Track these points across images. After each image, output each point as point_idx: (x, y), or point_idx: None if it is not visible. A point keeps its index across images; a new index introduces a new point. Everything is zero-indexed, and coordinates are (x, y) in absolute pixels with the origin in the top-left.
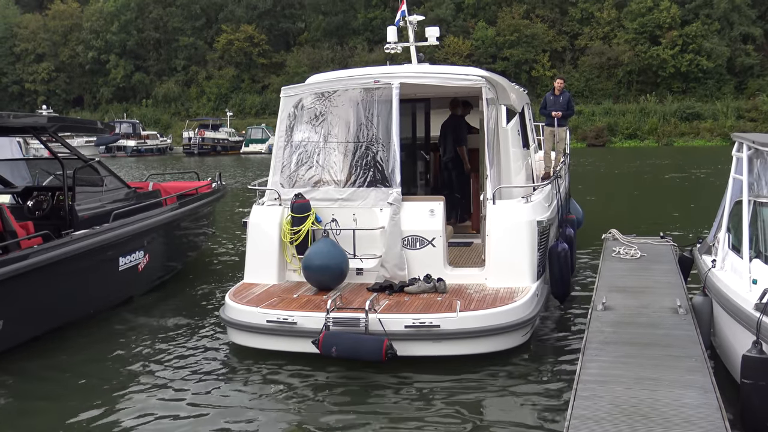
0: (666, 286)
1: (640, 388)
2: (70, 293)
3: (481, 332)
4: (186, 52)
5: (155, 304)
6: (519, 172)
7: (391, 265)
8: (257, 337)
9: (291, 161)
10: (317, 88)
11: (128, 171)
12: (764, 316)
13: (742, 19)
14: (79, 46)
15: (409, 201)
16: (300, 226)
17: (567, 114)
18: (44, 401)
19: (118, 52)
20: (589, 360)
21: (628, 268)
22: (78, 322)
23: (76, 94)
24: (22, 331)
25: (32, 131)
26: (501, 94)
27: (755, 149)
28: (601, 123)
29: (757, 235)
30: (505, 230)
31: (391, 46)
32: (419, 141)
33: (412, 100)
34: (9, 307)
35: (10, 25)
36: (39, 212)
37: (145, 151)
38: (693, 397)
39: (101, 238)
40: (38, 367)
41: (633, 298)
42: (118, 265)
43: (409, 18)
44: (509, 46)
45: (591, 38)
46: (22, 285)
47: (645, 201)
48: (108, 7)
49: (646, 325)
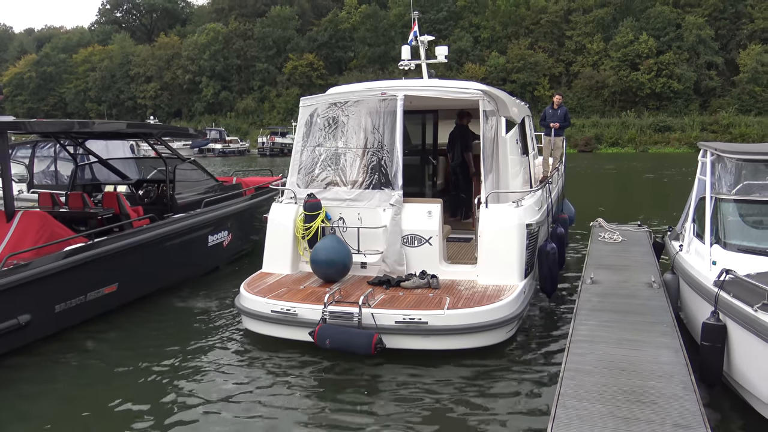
0: (642, 265)
1: (623, 348)
2: (170, 263)
3: (467, 329)
4: (261, 75)
5: (196, 285)
6: (516, 177)
7: (392, 260)
8: (264, 325)
9: (306, 164)
10: (331, 99)
11: (216, 168)
12: (721, 291)
13: (707, 50)
14: (178, 70)
15: (410, 203)
16: (311, 222)
17: (564, 125)
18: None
19: (209, 75)
20: (580, 323)
21: (611, 249)
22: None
23: (176, 108)
24: (131, 292)
25: (143, 136)
26: (501, 106)
27: (717, 155)
28: (590, 133)
29: (717, 225)
30: (496, 232)
31: (405, 63)
32: (428, 147)
33: (422, 111)
34: (123, 273)
35: (127, 53)
36: (147, 200)
37: (229, 153)
38: (666, 355)
39: (194, 220)
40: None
41: (615, 274)
42: (208, 242)
43: (421, 38)
44: (516, 71)
45: (583, 65)
46: (133, 256)
47: (625, 196)
48: (201, 39)
49: (626, 296)
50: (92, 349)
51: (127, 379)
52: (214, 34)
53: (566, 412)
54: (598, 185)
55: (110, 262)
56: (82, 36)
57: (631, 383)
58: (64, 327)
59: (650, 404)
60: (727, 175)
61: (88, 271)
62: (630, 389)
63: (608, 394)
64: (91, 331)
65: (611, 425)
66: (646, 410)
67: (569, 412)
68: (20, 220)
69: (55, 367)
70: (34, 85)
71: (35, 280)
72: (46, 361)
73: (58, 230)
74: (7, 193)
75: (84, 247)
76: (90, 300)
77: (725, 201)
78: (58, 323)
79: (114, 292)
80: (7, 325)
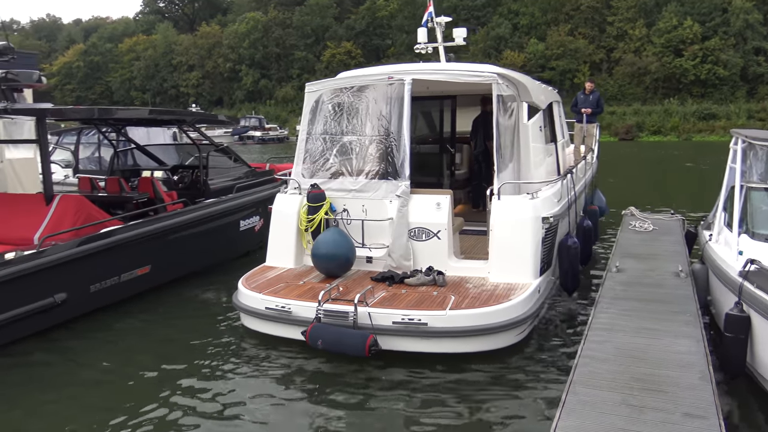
0: (671, 254)
1: (641, 336)
2: (201, 247)
3: (470, 332)
4: (299, 63)
5: (202, 277)
6: (540, 166)
7: (397, 255)
8: (259, 322)
9: (311, 153)
10: (336, 84)
11: (254, 155)
12: (745, 282)
13: (755, 35)
14: (219, 59)
15: (417, 194)
16: (314, 214)
17: (596, 111)
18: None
19: (249, 64)
20: (600, 311)
21: (641, 238)
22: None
23: (217, 96)
24: (164, 274)
25: (176, 123)
26: (522, 91)
27: (748, 143)
28: (631, 121)
29: (746, 215)
30: (509, 226)
31: (421, 46)
32: (446, 135)
33: (440, 97)
34: (155, 256)
35: (170, 43)
36: (182, 185)
37: (268, 140)
38: (685, 345)
39: (225, 205)
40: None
41: (642, 263)
42: (239, 227)
43: (437, 19)
44: (556, 58)
45: (624, 51)
46: (165, 239)
47: (662, 185)
48: (241, 29)
49: (651, 285)
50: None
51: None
52: (253, 23)
53: (576, 399)
54: (635, 174)
55: (143, 245)
56: (127, 26)
57: (646, 372)
58: (98, 306)
59: (663, 393)
60: (758, 163)
61: (122, 253)
62: (644, 378)
63: (621, 381)
64: (114, 315)
65: (621, 412)
66: (659, 399)
67: (580, 398)
68: (59, 203)
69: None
70: (82, 74)
71: (71, 261)
72: None
73: (95, 213)
74: (47, 178)
75: (118, 230)
76: (124, 281)
77: (755, 190)
78: (93, 303)
79: (147, 274)
80: (44, 303)
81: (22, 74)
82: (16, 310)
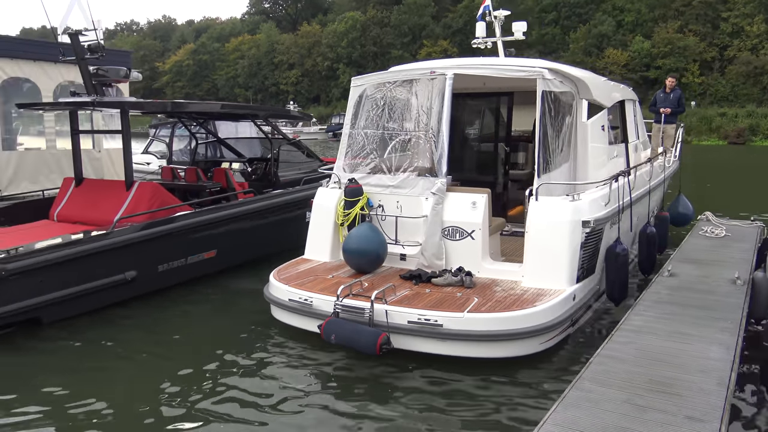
0: (736, 262)
1: (672, 340)
2: (266, 235)
3: (487, 336)
4: (396, 62)
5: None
6: (601, 168)
7: (430, 253)
8: (283, 313)
9: (353, 147)
10: (380, 79)
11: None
12: None
13: None
14: (318, 58)
15: (454, 192)
16: (350, 209)
17: (677, 111)
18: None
19: (346, 62)
20: (636, 314)
21: (708, 244)
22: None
23: (315, 94)
24: (229, 259)
25: (250, 117)
26: (581, 88)
27: None
28: (743, 124)
29: None
30: (545, 229)
31: (479, 41)
32: (501, 133)
33: (497, 93)
34: (221, 241)
35: (273, 42)
36: (255, 176)
37: None
38: (715, 351)
39: (291, 196)
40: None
41: (699, 269)
42: (305, 218)
43: (495, 13)
44: (662, 57)
45: (740, 49)
46: (231, 225)
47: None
48: (340, 28)
49: (701, 291)
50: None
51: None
52: (352, 22)
53: (578, 394)
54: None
55: (210, 230)
56: (234, 26)
57: (665, 375)
58: (165, 286)
59: (675, 396)
60: None
61: (189, 237)
62: (660, 380)
63: (634, 382)
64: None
65: (621, 410)
66: (667, 401)
67: (582, 394)
68: (137, 189)
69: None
70: (191, 72)
71: (139, 242)
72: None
73: (168, 199)
74: (128, 166)
75: (185, 215)
76: (190, 263)
77: None
78: (160, 281)
79: (212, 258)
80: (115, 279)
81: (111, 70)
82: (90, 284)
